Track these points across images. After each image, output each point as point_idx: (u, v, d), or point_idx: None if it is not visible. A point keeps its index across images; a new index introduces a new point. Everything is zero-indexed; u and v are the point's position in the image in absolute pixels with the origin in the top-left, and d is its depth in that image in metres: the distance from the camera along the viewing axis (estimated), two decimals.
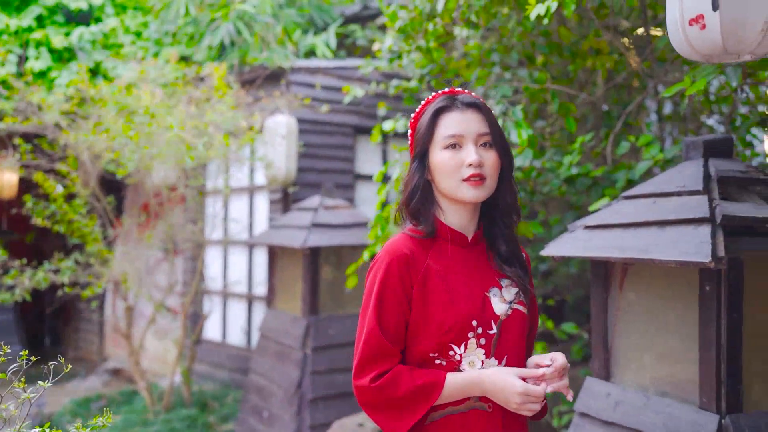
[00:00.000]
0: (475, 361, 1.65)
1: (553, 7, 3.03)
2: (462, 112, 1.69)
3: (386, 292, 1.65)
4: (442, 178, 1.69)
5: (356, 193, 6.47)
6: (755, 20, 1.50)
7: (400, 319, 1.66)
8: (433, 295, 1.65)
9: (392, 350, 1.64)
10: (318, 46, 6.55)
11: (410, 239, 1.72)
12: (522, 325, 1.73)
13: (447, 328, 1.63)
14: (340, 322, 5.13)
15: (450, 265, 1.70)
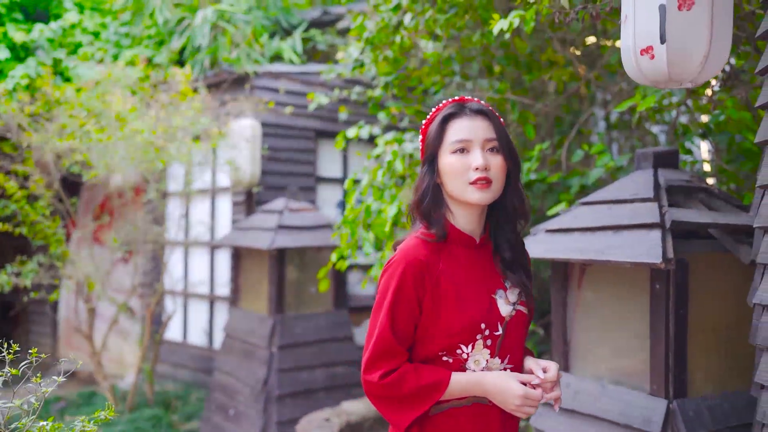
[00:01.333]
0: (480, 360, 1.72)
1: (516, 23, 3.24)
2: (470, 119, 1.75)
3: (400, 297, 1.71)
4: (450, 181, 1.74)
5: (318, 196, 6.62)
6: (696, 53, 1.72)
7: (410, 322, 1.72)
8: (444, 299, 1.71)
9: (400, 350, 1.71)
10: (285, 50, 6.67)
11: (423, 244, 1.76)
12: (524, 324, 1.81)
13: (457, 330, 1.70)
14: (305, 320, 5.28)
15: (460, 269, 1.76)
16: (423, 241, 1.77)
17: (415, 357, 1.75)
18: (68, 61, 6.65)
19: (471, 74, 4.80)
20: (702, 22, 1.67)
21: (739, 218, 2.53)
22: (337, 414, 4.67)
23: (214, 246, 6.65)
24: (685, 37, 1.68)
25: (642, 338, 2.51)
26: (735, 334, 2.53)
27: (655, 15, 1.69)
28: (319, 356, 5.27)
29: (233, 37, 6.40)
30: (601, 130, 6.15)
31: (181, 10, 6.81)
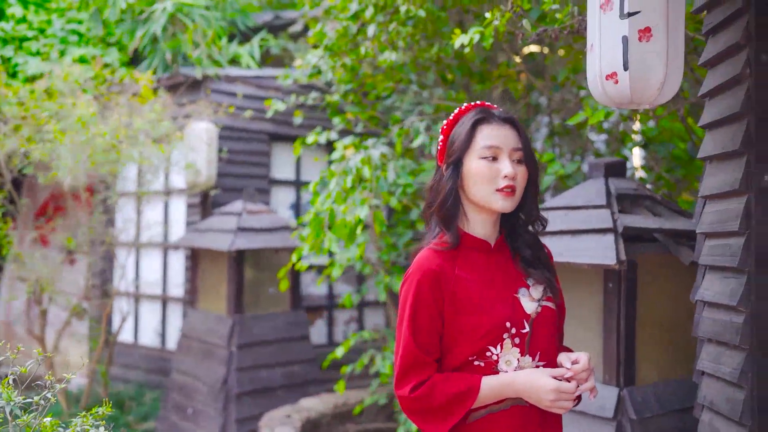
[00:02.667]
0: (511, 359, 1.71)
1: (475, 39, 3.45)
2: (500, 126, 1.76)
3: (419, 308, 1.71)
4: (476, 187, 1.74)
5: (271, 198, 6.72)
6: (654, 80, 1.95)
7: (433, 332, 1.72)
8: (465, 305, 1.71)
9: (427, 361, 1.71)
10: (243, 55, 6.75)
11: (436, 253, 1.76)
12: (552, 320, 1.80)
13: (482, 333, 1.69)
14: (263, 320, 5.40)
15: (477, 273, 1.76)
16: (435, 251, 1.77)
17: (446, 366, 1.74)
18: (19, 57, 6.57)
19: (427, 83, 5.01)
20: (659, 52, 1.90)
21: (680, 223, 2.81)
22: (297, 411, 4.81)
23: (168, 247, 6.67)
24: (644, 65, 1.90)
25: (596, 333, 2.75)
26: (678, 327, 2.80)
27: (619, 45, 1.91)
28: (277, 355, 5.39)
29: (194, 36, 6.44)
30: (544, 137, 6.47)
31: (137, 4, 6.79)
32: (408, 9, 3.87)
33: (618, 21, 1.90)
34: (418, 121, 4.43)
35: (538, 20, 3.46)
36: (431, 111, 4.53)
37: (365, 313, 7.21)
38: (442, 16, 4.28)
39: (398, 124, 4.71)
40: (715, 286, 2.18)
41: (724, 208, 2.14)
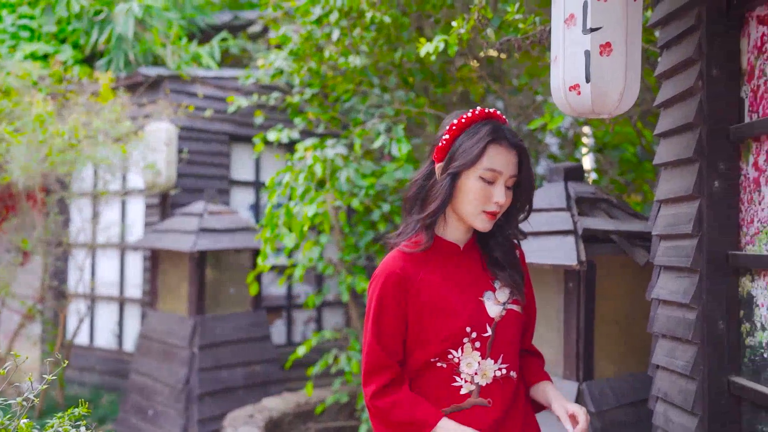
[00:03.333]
0: (472, 362, 1.73)
1: (441, 47, 3.55)
2: (507, 151, 1.73)
3: (382, 310, 1.73)
4: (466, 204, 1.73)
5: (231, 199, 6.72)
6: (614, 91, 2.07)
7: (396, 334, 1.74)
8: (429, 308, 1.73)
9: (389, 363, 1.74)
10: (203, 56, 6.73)
11: (404, 255, 1.77)
12: (516, 324, 1.80)
13: (443, 337, 1.71)
14: (225, 321, 5.41)
15: (444, 276, 1.77)
16: (403, 252, 1.78)
17: (409, 366, 1.77)
18: None
19: (388, 86, 5.10)
20: (619, 65, 2.02)
21: (635, 225, 2.96)
22: (259, 410, 4.84)
23: (126, 248, 6.61)
24: (605, 77, 2.02)
25: (556, 330, 2.88)
26: (634, 324, 2.95)
27: (582, 58, 2.02)
28: (238, 355, 5.41)
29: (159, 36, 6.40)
30: None
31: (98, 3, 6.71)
32: (374, 15, 3.95)
33: (581, 36, 2.01)
34: (379, 123, 4.51)
35: (499, 27, 3.57)
36: (392, 114, 4.61)
37: (324, 313, 7.27)
38: (405, 22, 4.37)
39: (359, 126, 4.79)
40: (670, 285, 2.31)
41: (677, 211, 2.28)
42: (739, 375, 2.08)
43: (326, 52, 4.47)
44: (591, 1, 1.98)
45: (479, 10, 2.87)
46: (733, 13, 2.10)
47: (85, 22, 6.75)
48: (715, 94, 2.11)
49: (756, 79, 2.03)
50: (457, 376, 1.73)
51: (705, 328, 2.10)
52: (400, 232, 1.83)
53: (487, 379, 1.74)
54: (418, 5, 4.38)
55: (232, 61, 7.61)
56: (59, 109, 5.42)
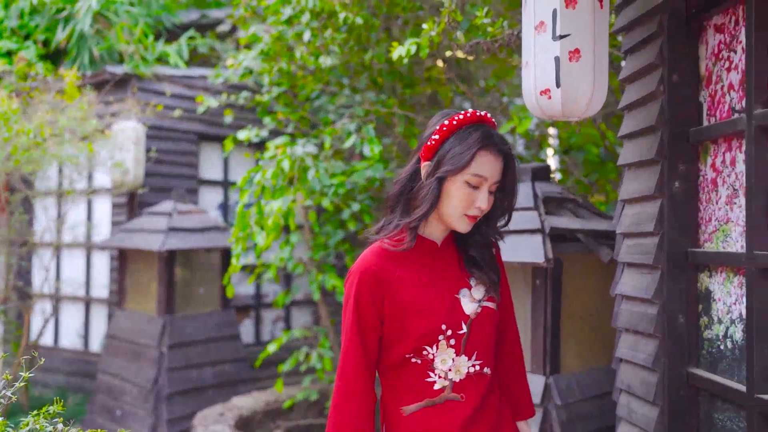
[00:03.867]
0: (446, 359, 1.74)
1: (412, 50, 3.61)
2: (495, 158, 1.73)
3: (359, 306, 1.74)
4: (450, 207, 1.74)
5: (200, 198, 6.71)
6: (583, 96, 2.16)
7: (371, 331, 1.76)
8: (405, 304, 1.74)
9: (365, 363, 1.76)
10: (171, 55, 6.70)
11: (381, 251, 1.78)
12: (491, 321, 1.82)
13: (419, 334, 1.72)
14: (194, 320, 5.41)
15: (421, 273, 1.79)
16: (381, 248, 1.78)
17: (385, 360, 1.79)
18: None
19: (358, 86, 5.15)
20: (587, 70, 2.10)
21: (600, 224, 3.06)
22: (229, 409, 4.86)
23: (92, 247, 6.56)
24: (574, 83, 2.10)
25: (524, 326, 2.97)
26: (599, 319, 3.05)
27: (552, 64, 2.11)
28: (207, 355, 5.41)
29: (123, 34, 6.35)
30: None
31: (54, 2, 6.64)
32: (346, 16, 4.00)
33: (551, 42, 2.09)
34: (350, 123, 4.56)
35: (468, 30, 3.65)
36: (362, 114, 4.67)
37: (292, 312, 7.29)
38: (375, 24, 4.43)
39: (330, 125, 4.84)
40: (632, 281, 2.41)
41: (640, 211, 2.38)
42: (697, 367, 2.18)
43: (297, 52, 4.50)
44: (560, 9, 2.06)
45: (450, 14, 2.94)
46: (692, 21, 2.20)
47: (47, 18, 6.67)
48: (676, 99, 2.21)
49: (713, 85, 2.13)
50: (432, 372, 1.74)
51: (666, 322, 2.20)
52: (380, 228, 1.83)
53: (460, 375, 1.76)
54: (388, 7, 4.45)
55: (200, 60, 7.59)
56: (24, 107, 5.35)
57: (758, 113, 1.85)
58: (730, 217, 2.04)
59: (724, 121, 2.04)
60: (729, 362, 2.02)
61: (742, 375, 1.94)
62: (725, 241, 2.06)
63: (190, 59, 7.60)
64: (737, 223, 2.00)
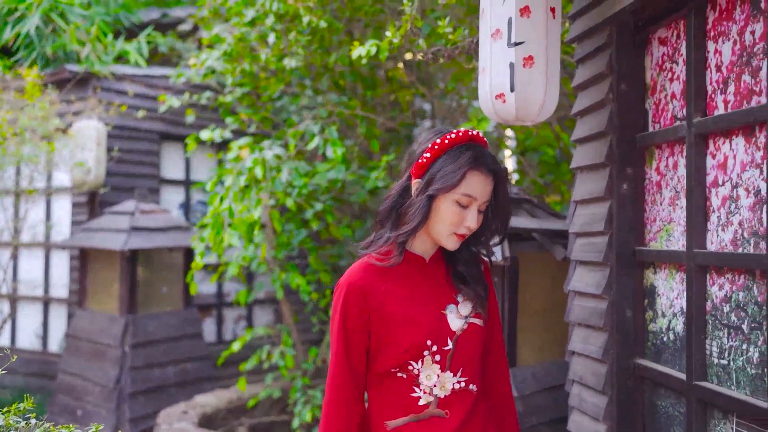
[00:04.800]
0: (431, 374, 1.75)
1: (373, 51, 3.70)
2: (485, 177, 1.74)
3: (346, 320, 1.75)
4: (439, 225, 1.75)
5: (161, 198, 6.70)
6: (535, 101, 2.28)
7: (358, 346, 1.77)
8: (390, 320, 1.75)
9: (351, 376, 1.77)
10: (131, 52, 6.68)
11: (368, 266, 1.79)
12: (478, 337, 1.82)
13: (404, 349, 1.73)
14: (157, 319, 5.43)
15: (408, 288, 1.79)
16: (368, 263, 1.79)
17: (371, 373, 1.80)
18: None
19: (321, 88, 5.23)
20: (540, 77, 2.22)
21: (555, 224, 3.20)
22: (192, 407, 4.89)
23: (51, 247, 6.50)
24: (528, 88, 2.22)
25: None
26: (553, 315, 3.19)
27: (507, 70, 2.22)
28: (170, 353, 5.44)
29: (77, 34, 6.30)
30: None
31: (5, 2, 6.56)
32: (310, 20, 4.07)
33: (506, 49, 2.21)
34: (313, 124, 4.64)
35: (429, 36, 3.76)
36: (325, 115, 4.75)
37: (254, 311, 7.33)
38: (338, 27, 4.51)
39: (293, 127, 4.90)
40: (584, 278, 2.55)
41: (591, 212, 2.51)
42: (643, 357, 2.32)
43: (262, 55, 4.56)
44: (515, 18, 2.18)
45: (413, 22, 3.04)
46: (639, 33, 2.34)
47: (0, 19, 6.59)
48: (624, 106, 2.34)
49: (658, 93, 2.27)
50: (417, 387, 1.75)
51: (614, 316, 2.34)
52: (369, 243, 1.84)
53: (445, 391, 1.76)
54: (351, 11, 4.54)
55: (162, 60, 7.57)
56: None
57: (697, 121, 1.99)
58: (673, 217, 2.18)
59: (667, 127, 2.18)
60: (671, 353, 2.16)
61: (682, 364, 2.08)
62: (668, 239, 2.20)
63: (151, 58, 7.58)
64: (679, 223, 2.14)
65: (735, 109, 1.87)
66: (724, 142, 1.92)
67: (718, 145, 1.94)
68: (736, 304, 1.85)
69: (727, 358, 1.88)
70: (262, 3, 4.29)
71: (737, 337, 1.84)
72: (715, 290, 1.94)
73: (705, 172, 1.99)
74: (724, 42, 1.93)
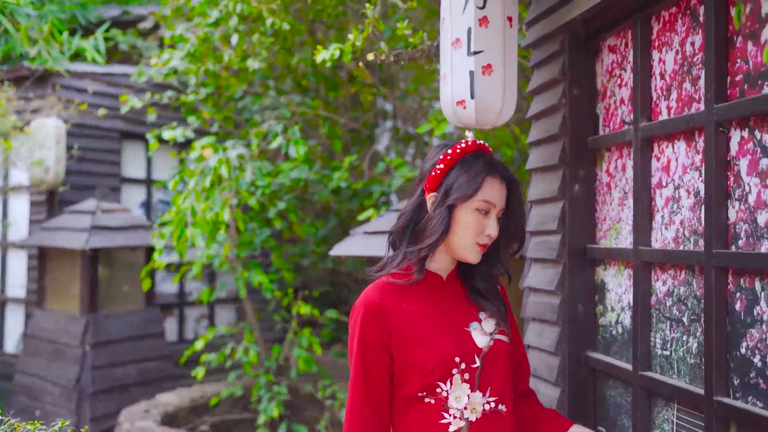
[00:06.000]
0: (461, 395, 1.66)
1: (336, 54, 3.78)
2: (501, 184, 1.73)
3: (365, 343, 1.68)
4: (462, 237, 1.71)
5: (122, 197, 6.67)
6: (494, 106, 2.38)
7: (382, 369, 1.68)
8: (413, 339, 1.67)
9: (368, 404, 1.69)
10: (88, 50, 6.62)
11: (385, 285, 1.72)
12: (505, 354, 1.75)
13: (430, 369, 1.64)
14: (118, 318, 5.42)
15: (427, 306, 1.72)
16: (385, 282, 1.73)
17: (396, 399, 1.71)
18: None
19: (284, 89, 5.28)
20: (498, 84, 2.32)
21: None
22: (154, 405, 4.90)
23: (7, 246, 6.42)
24: (487, 95, 2.32)
25: None
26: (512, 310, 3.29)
27: (467, 77, 2.32)
28: (131, 353, 5.43)
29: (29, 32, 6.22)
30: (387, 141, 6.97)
31: None
32: (273, 22, 4.13)
33: (466, 57, 2.31)
34: (276, 124, 4.69)
35: (390, 39, 3.85)
36: (288, 115, 4.81)
37: (216, 310, 7.33)
38: (301, 29, 4.57)
39: (256, 127, 4.95)
40: (539, 275, 2.66)
41: (545, 211, 2.62)
42: (594, 350, 2.44)
43: (225, 56, 4.60)
44: (474, 28, 2.28)
45: (374, 25, 3.13)
46: (590, 41, 2.46)
47: None
48: (576, 111, 2.46)
49: (608, 98, 2.39)
50: (446, 413, 1.65)
51: (567, 311, 2.45)
52: (383, 265, 1.78)
53: (476, 413, 1.66)
54: (314, 13, 4.60)
55: (122, 57, 7.51)
56: None
57: (643, 126, 2.11)
58: (621, 216, 2.30)
59: (616, 131, 2.30)
60: (619, 345, 2.29)
61: (629, 356, 2.20)
62: (617, 238, 2.32)
63: (111, 56, 7.52)
64: (627, 222, 2.26)
65: (677, 114, 2.00)
66: (667, 146, 2.04)
67: (662, 149, 2.06)
68: (678, 298, 1.97)
69: (669, 349, 2.01)
70: (226, 4, 4.33)
71: (678, 329, 1.96)
72: (659, 285, 2.06)
73: (650, 174, 2.11)
74: (667, 52, 2.05)
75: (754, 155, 1.69)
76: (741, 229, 1.73)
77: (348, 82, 5.42)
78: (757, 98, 1.64)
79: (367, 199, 4.81)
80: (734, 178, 1.76)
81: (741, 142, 1.74)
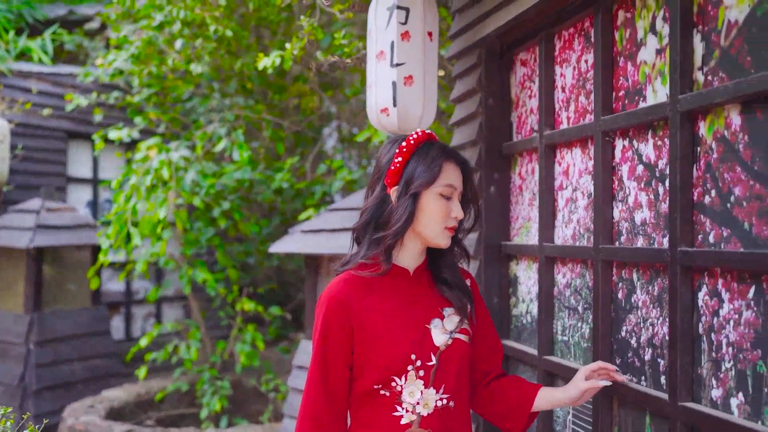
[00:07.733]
0: (414, 391, 1.70)
1: (277, 62, 3.94)
2: (456, 167, 1.77)
3: (327, 335, 1.71)
4: (430, 223, 1.74)
5: (68, 196, 6.69)
6: (415, 114, 2.58)
7: (341, 361, 1.72)
8: (373, 334, 1.70)
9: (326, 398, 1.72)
10: (35, 50, 6.62)
11: (350, 278, 1.74)
12: (463, 353, 1.78)
13: (387, 364, 1.68)
14: (64, 317, 5.48)
15: (390, 302, 1.75)
16: (350, 275, 1.75)
17: (354, 391, 1.74)
18: None
19: (228, 92, 5.41)
20: (418, 93, 2.52)
21: None
22: (99, 401, 4.98)
23: None
24: (408, 103, 2.52)
25: None
26: None
27: (389, 87, 2.51)
28: (77, 350, 5.49)
29: None
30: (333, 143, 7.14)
31: None
32: (216, 28, 4.26)
33: (389, 68, 2.50)
34: (220, 126, 4.82)
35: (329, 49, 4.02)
36: (232, 118, 4.94)
37: (163, 308, 7.40)
38: (245, 34, 4.71)
39: (201, 129, 5.06)
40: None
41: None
42: (508, 338, 2.66)
43: (169, 60, 4.71)
44: (396, 42, 2.48)
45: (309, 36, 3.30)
46: (504, 55, 2.68)
47: None
48: (491, 119, 2.68)
49: (520, 108, 2.61)
50: (399, 406, 1.70)
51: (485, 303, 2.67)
52: (346, 261, 1.81)
53: (428, 409, 1.71)
54: (257, 20, 4.74)
55: (68, 57, 7.51)
56: None
57: (546, 134, 2.33)
58: (531, 216, 2.52)
59: (526, 138, 2.53)
60: (528, 333, 2.51)
61: (536, 342, 2.43)
62: (527, 235, 2.54)
63: (57, 56, 7.51)
64: (535, 221, 2.48)
65: (574, 124, 2.22)
66: (567, 153, 2.27)
67: (563, 155, 2.29)
68: (574, 288, 2.20)
69: (567, 335, 2.23)
70: (170, 9, 4.44)
71: (575, 316, 2.19)
72: (560, 278, 2.29)
73: (553, 178, 2.34)
74: (566, 67, 2.28)
75: (632, 162, 1.92)
76: (623, 227, 1.96)
77: (292, 84, 5.57)
78: (635, 112, 1.87)
79: (309, 199, 4.97)
80: (618, 182, 1.99)
81: (623, 150, 1.97)
